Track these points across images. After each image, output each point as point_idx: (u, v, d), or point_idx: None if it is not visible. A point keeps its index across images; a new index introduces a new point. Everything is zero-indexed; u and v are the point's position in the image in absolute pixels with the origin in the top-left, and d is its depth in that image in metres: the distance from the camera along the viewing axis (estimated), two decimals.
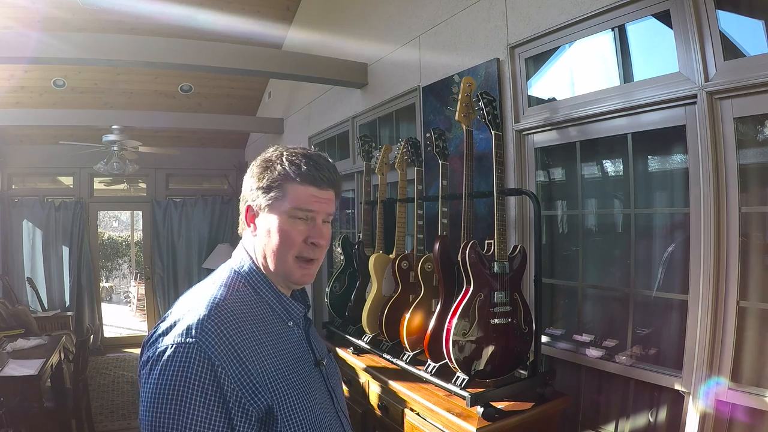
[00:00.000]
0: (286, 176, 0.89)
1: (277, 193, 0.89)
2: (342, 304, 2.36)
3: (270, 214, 0.90)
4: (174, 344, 0.76)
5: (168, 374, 0.75)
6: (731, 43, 1.46)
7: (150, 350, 0.79)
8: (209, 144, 6.43)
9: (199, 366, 0.75)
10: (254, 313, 0.86)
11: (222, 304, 0.82)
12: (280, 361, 0.85)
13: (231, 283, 0.88)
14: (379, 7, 3.14)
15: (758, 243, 1.43)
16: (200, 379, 0.75)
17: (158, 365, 0.76)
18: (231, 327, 0.80)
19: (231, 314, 0.82)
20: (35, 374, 2.86)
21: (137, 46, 2.86)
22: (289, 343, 0.90)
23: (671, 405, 1.62)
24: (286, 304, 0.93)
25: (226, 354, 0.77)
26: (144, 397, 0.76)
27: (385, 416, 1.89)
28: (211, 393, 0.75)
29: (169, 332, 0.79)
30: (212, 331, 0.78)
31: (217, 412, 0.75)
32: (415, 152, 2.11)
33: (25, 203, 5.82)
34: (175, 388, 0.74)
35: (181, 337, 0.77)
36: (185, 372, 0.74)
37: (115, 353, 6.01)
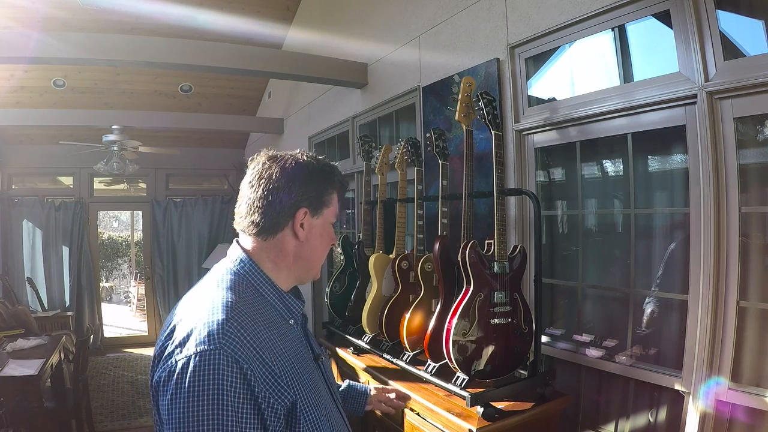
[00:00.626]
0: (335, 186, 0.97)
1: (327, 200, 0.96)
2: (342, 304, 2.36)
3: (320, 221, 0.96)
4: (198, 352, 0.75)
5: (200, 383, 0.74)
6: (731, 43, 1.46)
7: (168, 363, 0.77)
8: (209, 144, 6.43)
9: (229, 370, 0.75)
10: (261, 314, 0.87)
11: (236, 307, 0.82)
12: (291, 359, 0.86)
13: (235, 285, 0.88)
14: (379, 7, 3.14)
15: (758, 243, 1.43)
16: (232, 383, 0.74)
17: (186, 376, 0.74)
18: (249, 329, 0.80)
19: (246, 316, 0.82)
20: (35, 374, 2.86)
21: (137, 46, 2.86)
22: (293, 340, 0.91)
23: (671, 405, 1.62)
24: (287, 302, 0.94)
25: (250, 356, 0.77)
26: (174, 411, 0.74)
27: (385, 416, 1.89)
28: (245, 396, 0.75)
29: (187, 341, 0.77)
30: (234, 334, 0.78)
31: (251, 414, 0.76)
32: (415, 152, 2.11)
33: (25, 203, 5.82)
34: (209, 396, 0.73)
35: (205, 345, 0.76)
36: (217, 378, 0.74)
37: (115, 353, 6.01)
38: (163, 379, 0.77)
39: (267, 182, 0.91)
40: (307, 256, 0.96)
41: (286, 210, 0.91)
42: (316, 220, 0.95)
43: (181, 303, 0.89)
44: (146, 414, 4.08)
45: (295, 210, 0.92)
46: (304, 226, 0.93)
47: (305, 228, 0.93)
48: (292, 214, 0.92)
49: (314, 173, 0.93)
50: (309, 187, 0.93)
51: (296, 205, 0.92)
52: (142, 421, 3.94)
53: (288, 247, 0.93)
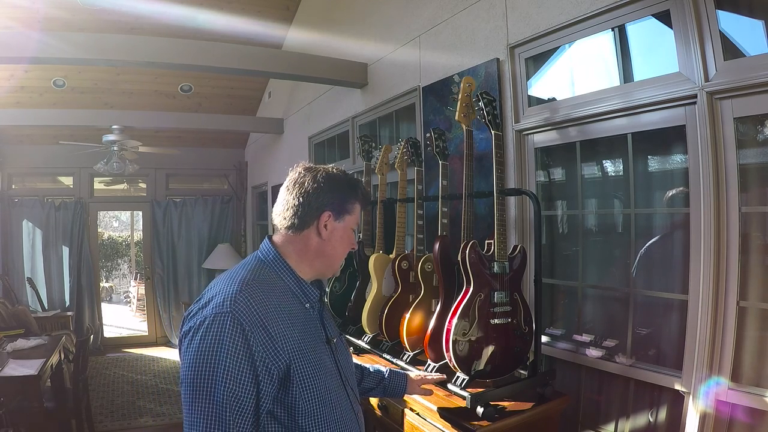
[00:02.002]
0: (358, 198, 1.15)
1: (349, 208, 1.13)
2: (342, 304, 2.36)
3: (342, 225, 1.12)
4: (212, 314, 0.93)
5: (208, 337, 0.92)
6: (731, 43, 1.46)
7: (192, 321, 0.96)
8: (209, 144, 6.43)
9: (232, 330, 0.92)
10: (275, 293, 1.03)
11: (250, 282, 1.00)
12: (296, 332, 1.01)
13: (256, 268, 1.06)
14: (379, 7, 3.14)
15: (758, 243, 1.43)
16: (233, 340, 0.91)
17: (199, 331, 0.93)
18: (257, 300, 0.97)
19: (257, 290, 0.99)
20: (35, 374, 2.86)
21: (137, 46, 2.86)
22: (304, 320, 1.06)
23: (671, 405, 1.62)
24: (304, 288, 1.10)
25: (254, 321, 0.94)
26: (186, 359, 0.93)
27: (385, 416, 1.89)
28: (243, 352, 0.92)
29: (207, 305, 0.96)
30: (243, 302, 0.95)
31: (246, 368, 0.92)
32: (415, 152, 2.11)
33: (25, 203, 5.82)
34: (213, 348, 0.91)
35: (218, 308, 0.94)
36: (222, 335, 0.91)
37: (115, 353, 6.01)
38: (185, 332, 0.96)
39: (300, 187, 1.09)
40: (328, 253, 1.12)
41: (313, 211, 1.08)
42: (338, 223, 1.11)
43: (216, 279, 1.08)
44: (146, 414, 4.08)
45: (320, 212, 1.09)
46: (327, 227, 1.10)
47: (328, 229, 1.10)
48: (318, 215, 1.09)
49: (340, 184, 1.11)
50: (334, 195, 1.10)
51: (321, 208, 1.09)
52: (142, 421, 3.94)
53: (312, 243, 1.10)
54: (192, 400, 0.90)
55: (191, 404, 0.91)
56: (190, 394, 0.91)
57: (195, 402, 0.90)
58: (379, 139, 3.23)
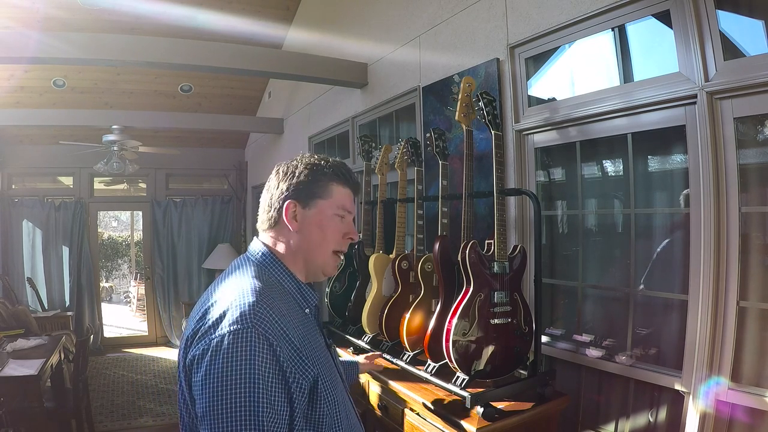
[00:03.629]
0: (333, 178, 1.03)
1: (322, 191, 1.01)
2: (342, 304, 2.36)
3: (315, 210, 1.01)
4: (232, 331, 0.81)
5: (234, 359, 0.79)
6: (731, 43, 1.46)
7: (203, 342, 0.83)
8: (209, 144, 6.43)
9: (260, 347, 0.81)
10: (282, 300, 0.94)
11: (264, 291, 0.90)
12: (310, 340, 0.94)
13: (259, 274, 0.96)
14: (379, 7, 3.14)
15: (758, 243, 1.43)
16: (263, 359, 0.81)
17: (220, 352, 0.80)
18: (276, 311, 0.87)
19: (272, 300, 0.89)
20: (35, 374, 2.86)
21: (137, 46, 2.86)
22: (309, 327, 0.98)
23: (671, 405, 1.62)
24: (304, 292, 1.02)
25: (278, 334, 0.84)
26: (208, 388, 0.79)
27: (385, 416, 1.89)
28: (274, 371, 0.82)
29: (221, 321, 0.83)
30: (264, 315, 0.84)
31: (280, 388, 0.82)
32: (415, 152, 2.11)
33: (25, 203, 5.82)
34: (242, 370, 0.79)
35: (238, 324, 0.82)
36: (251, 354, 0.80)
37: (115, 353, 6.00)
38: (197, 357, 0.82)
39: (268, 185, 1.05)
40: (308, 247, 1.01)
41: (276, 204, 1.01)
42: (310, 210, 1.01)
43: (209, 291, 0.95)
44: (146, 414, 4.08)
45: (282, 202, 1.00)
46: (297, 217, 1.00)
47: (298, 219, 1.00)
48: (280, 206, 1.00)
49: (306, 168, 1.02)
50: (298, 180, 1.01)
51: (283, 198, 1.00)
52: (142, 421, 3.94)
53: (288, 238, 1.01)
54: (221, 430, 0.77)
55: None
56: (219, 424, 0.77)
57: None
58: (379, 139, 3.23)
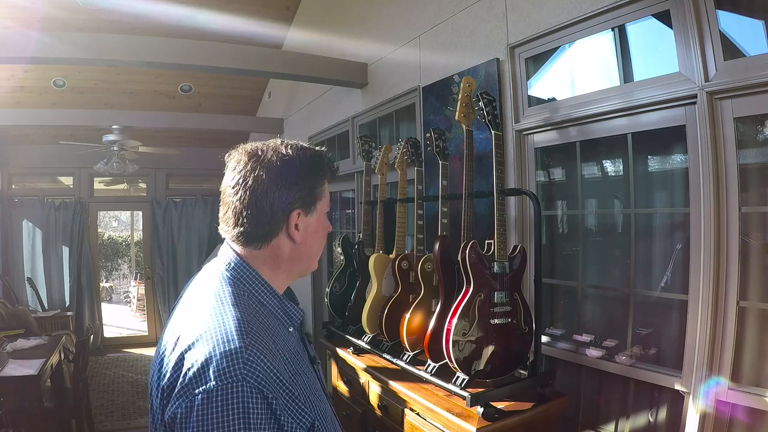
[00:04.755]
0: (326, 175, 0.90)
1: (319, 193, 0.89)
2: (342, 304, 2.36)
3: (315, 218, 0.89)
4: (221, 386, 0.70)
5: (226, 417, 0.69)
6: (731, 43, 1.46)
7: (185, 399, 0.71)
8: (209, 144, 6.43)
9: (254, 402, 0.71)
10: (266, 328, 0.81)
11: (249, 330, 0.76)
12: (300, 372, 0.83)
13: (237, 300, 0.82)
14: (379, 7, 3.14)
15: (758, 243, 1.43)
16: (258, 415, 0.71)
17: (210, 410, 0.69)
18: (266, 353, 0.75)
19: (260, 338, 0.77)
20: (35, 374, 2.86)
21: (137, 46, 2.86)
22: (293, 347, 0.87)
23: (671, 405, 1.62)
24: (287, 310, 0.89)
25: (273, 383, 0.74)
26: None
27: (385, 416, 1.89)
28: (272, 425, 0.72)
29: (205, 373, 0.71)
30: (256, 362, 0.73)
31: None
32: (415, 152, 2.11)
33: (25, 203, 5.82)
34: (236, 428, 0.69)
35: (227, 377, 0.70)
36: (244, 411, 0.70)
37: (115, 353, 6.01)
38: (180, 415, 0.71)
39: (254, 187, 0.82)
40: (306, 254, 0.91)
41: (278, 215, 0.84)
42: (311, 217, 0.88)
43: (180, 321, 0.82)
44: (146, 414, 4.08)
45: (288, 213, 0.85)
46: (299, 228, 0.86)
47: (301, 229, 0.87)
48: (285, 218, 0.85)
49: (302, 168, 0.85)
50: (299, 185, 0.85)
51: (289, 208, 0.84)
52: (142, 421, 3.94)
53: (284, 251, 0.87)
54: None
55: None
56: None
57: None
58: (379, 139, 3.23)
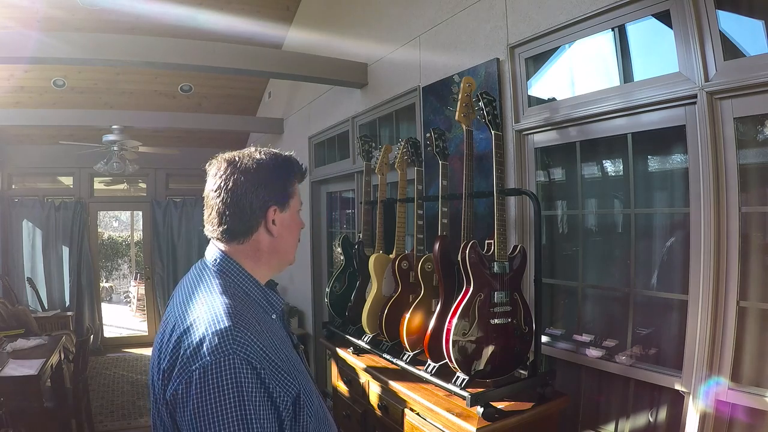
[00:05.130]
0: (296, 177, 1.02)
1: (291, 192, 1.02)
2: (342, 304, 2.36)
3: (288, 212, 1.01)
4: (214, 360, 0.79)
5: (222, 388, 0.77)
6: (731, 43, 1.46)
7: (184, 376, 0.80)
8: (209, 144, 6.43)
9: (245, 372, 0.79)
10: (252, 313, 0.92)
11: (236, 312, 0.86)
12: (283, 349, 0.91)
13: (225, 290, 0.92)
14: (379, 7, 3.14)
15: (758, 243, 1.43)
16: (250, 383, 0.79)
17: (205, 384, 0.78)
18: (253, 331, 0.85)
19: (246, 319, 0.87)
20: (35, 374, 2.86)
21: (137, 46, 2.86)
22: (279, 335, 0.96)
23: (671, 405, 1.62)
24: (269, 298, 1.00)
25: (260, 356, 0.83)
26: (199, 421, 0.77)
27: (385, 416, 1.89)
28: (261, 393, 0.81)
29: (200, 351, 0.81)
30: (243, 338, 0.82)
31: (269, 409, 0.82)
32: (415, 152, 2.11)
33: (25, 203, 5.82)
34: (231, 398, 0.77)
35: (219, 352, 0.80)
36: (237, 381, 0.78)
37: (115, 353, 6.01)
38: (181, 392, 0.80)
39: (233, 189, 0.95)
40: (283, 247, 1.02)
41: (257, 212, 0.97)
42: (285, 213, 1.01)
43: (177, 307, 0.93)
44: (146, 414, 4.08)
45: (265, 210, 0.97)
46: (276, 222, 0.99)
47: (277, 223, 0.99)
48: (263, 214, 0.97)
49: (275, 170, 0.99)
50: (274, 185, 0.98)
51: (265, 205, 0.97)
52: (142, 421, 3.94)
53: (264, 244, 0.99)
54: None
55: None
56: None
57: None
58: (379, 139, 3.23)
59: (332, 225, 4.26)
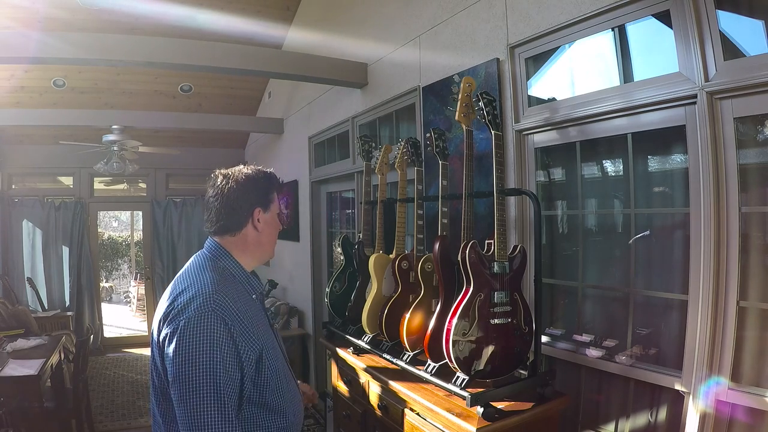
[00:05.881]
0: (276, 188, 1.34)
1: (271, 198, 1.32)
2: (342, 304, 2.36)
3: (270, 215, 1.31)
4: (196, 314, 1.07)
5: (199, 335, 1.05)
6: (731, 43, 1.46)
7: (173, 323, 1.07)
8: (209, 144, 6.43)
9: (218, 325, 1.07)
10: (234, 288, 1.21)
11: (220, 283, 1.17)
12: (256, 320, 1.20)
13: (215, 269, 1.22)
14: (379, 7, 3.14)
15: (758, 243, 1.43)
16: (220, 334, 1.06)
17: (187, 331, 1.05)
18: (230, 296, 1.15)
19: (228, 287, 1.18)
20: (35, 374, 2.86)
21: (137, 46, 2.86)
22: (255, 309, 1.25)
23: (671, 405, 1.62)
24: (251, 281, 1.29)
25: (232, 315, 1.11)
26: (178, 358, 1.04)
27: (385, 416, 1.89)
28: (228, 344, 1.07)
29: (188, 307, 1.09)
30: (220, 301, 1.11)
31: (233, 357, 1.07)
32: (415, 152, 2.11)
33: (25, 203, 5.82)
34: (207, 343, 1.04)
35: (201, 309, 1.08)
36: (211, 331, 1.06)
37: (115, 353, 6.01)
38: (169, 335, 1.07)
39: (228, 194, 1.25)
40: (264, 242, 1.31)
41: (245, 211, 1.26)
42: (267, 214, 1.30)
43: (177, 281, 1.21)
44: (146, 414, 4.08)
45: (252, 210, 1.27)
46: (260, 221, 1.28)
47: (261, 221, 1.28)
48: (250, 213, 1.27)
49: (259, 181, 1.29)
50: (258, 191, 1.28)
51: (252, 206, 1.27)
52: (142, 421, 3.94)
53: (250, 238, 1.28)
54: (191, 395, 1.01)
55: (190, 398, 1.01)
56: (188, 390, 1.01)
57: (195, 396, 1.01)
58: (379, 139, 3.23)
59: (332, 225, 4.26)
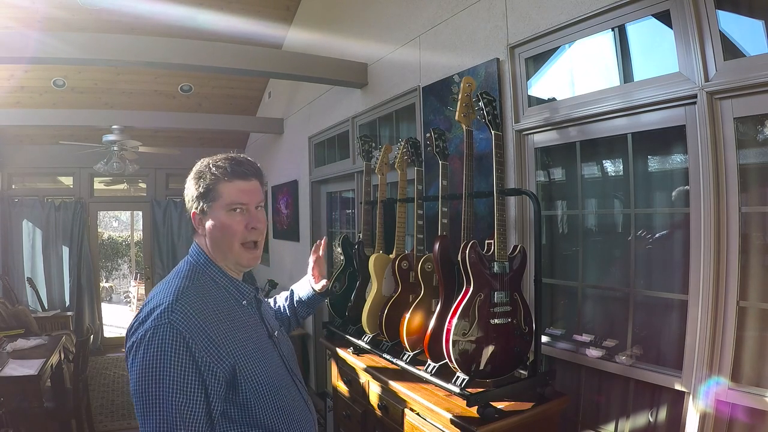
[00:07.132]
0: (217, 179, 1.11)
1: (213, 195, 1.11)
2: (342, 304, 2.36)
3: (212, 214, 1.12)
4: (152, 327, 0.98)
5: (152, 350, 0.96)
6: (731, 43, 1.46)
7: (134, 336, 1.00)
8: (209, 144, 6.43)
9: (173, 340, 0.96)
10: (213, 296, 1.09)
11: (185, 291, 1.04)
12: (237, 332, 1.08)
13: (190, 274, 1.10)
14: (379, 7, 3.14)
15: (758, 243, 1.43)
16: (176, 350, 0.96)
17: (142, 346, 0.97)
18: (195, 307, 1.02)
19: (193, 297, 1.04)
20: (35, 374, 2.86)
21: (137, 46, 2.86)
22: (244, 318, 1.13)
23: (671, 405, 1.62)
24: (238, 286, 1.16)
25: (193, 328, 0.99)
26: (133, 373, 0.97)
27: (385, 416, 1.89)
28: (187, 360, 0.97)
29: (147, 319, 1.00)
30: (180, 312, 1.00)
31: (192, 375, 0.97)
32: (415, 152, 2.11)
33: (25, 203, 5.82)
34: (158, 360, 0.95)
35: (157, 321, 0.98)
36: (164, 347, 0.96)
37: (115, 353, 6.01)
38: (128, 347, 1.01)
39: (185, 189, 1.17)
40: (221, 245, 1.13)
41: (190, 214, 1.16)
42: (207, 216, 1.12)
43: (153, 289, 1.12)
44: None
45: (191, 213, 1.15)
46: (202, 223, 1.13)
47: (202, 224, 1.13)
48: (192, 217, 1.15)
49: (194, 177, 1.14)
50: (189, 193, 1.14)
51: (190, 209, 1.15)
52: None
53: (206, 240, 1.14)
54: (144, 412, 0.95)
55: (143, 417, 0.96)
56: (141, 407, 0.96)
57: (146, 414, 0.95)
58: (379, 139, 3.23)
59: (332, 225, 4.26)
